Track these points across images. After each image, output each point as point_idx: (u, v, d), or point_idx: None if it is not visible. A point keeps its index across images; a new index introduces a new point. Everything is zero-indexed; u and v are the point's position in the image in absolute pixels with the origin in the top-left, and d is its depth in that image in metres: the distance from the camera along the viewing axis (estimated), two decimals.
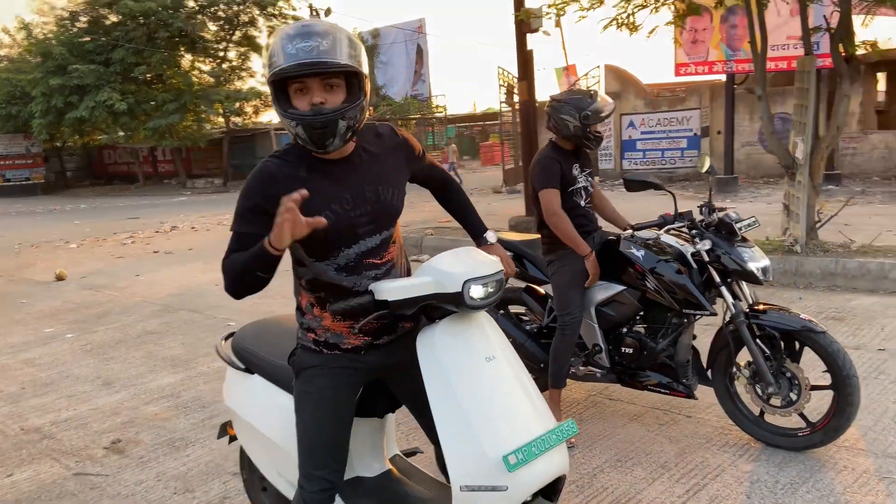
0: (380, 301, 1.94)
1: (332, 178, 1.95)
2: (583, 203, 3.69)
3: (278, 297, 5.59)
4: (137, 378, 5.08)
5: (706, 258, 3.30)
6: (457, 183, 2.39)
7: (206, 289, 8.18)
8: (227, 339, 2.85)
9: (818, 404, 3.27)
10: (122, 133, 28.45)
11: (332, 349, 2.07)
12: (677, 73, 15.22)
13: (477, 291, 1.90)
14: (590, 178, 3.71)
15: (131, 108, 26.35)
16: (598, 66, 18.47)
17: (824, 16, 6.38)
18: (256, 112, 30.59)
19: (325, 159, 1.94)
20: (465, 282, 1.87)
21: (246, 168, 31.25)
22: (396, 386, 2.22)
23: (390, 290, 1.93)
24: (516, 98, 19.32)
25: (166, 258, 10.93)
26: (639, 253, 3.45)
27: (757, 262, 3.25)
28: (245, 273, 1.85)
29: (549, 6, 7.30)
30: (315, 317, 2.08)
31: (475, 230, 2.38)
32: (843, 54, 6.23)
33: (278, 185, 1.86)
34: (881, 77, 18.37)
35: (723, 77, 15.92)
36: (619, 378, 3.66)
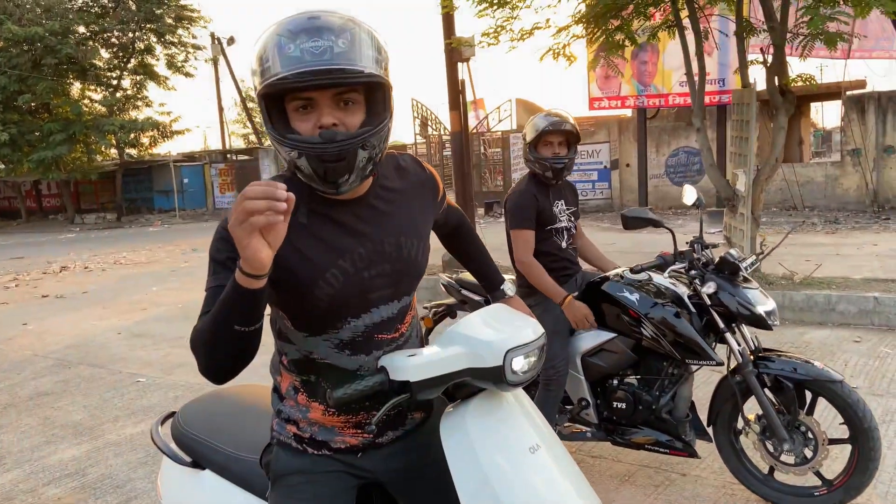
0: (396, 381, 1.48)
1: (340, 226, 1.47)
2: (564, 244, 3.34)
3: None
4: (32, 451, 4.29)
5: (708, 301, 2.99)
6: (471, 225, 1.96)
7: (108, 338, 7.31)
8: (163, 421, 2.27)
9: (831, 459, 3.00)
10: (2, 166, 26.30)
11: (319, 448, 1.57)
12: (591, 107, 15.47)
13: (519, 364, 1.48)
14: (573, 219, 3.38)
15: (13, 139, 24.41)
16: (510, 100, 18.58)
17: (761, 49, 6.41)
18: (154, 143, 29.08)
19: (332, 200, 1.45)
20: (507, 352, 1.46)
21: (143, 202, 29.64)
22: (396, 487, 1.71)
23: (413, 367, 1.46)
24: (431, 130, 19.23)
25: (58, 303, 9.84)
26: (632, 297, 3.10)
27: (764, 304, 2.97)
28: (218, 329, 1.28)
29: (483, 34, 7.06)
30: (298, 405, 1.58)
31: (492, 281, 1.95)
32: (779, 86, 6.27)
33: None
34: None
35: (629, 112, 16.31)
36: (609, 436, 3.29)
